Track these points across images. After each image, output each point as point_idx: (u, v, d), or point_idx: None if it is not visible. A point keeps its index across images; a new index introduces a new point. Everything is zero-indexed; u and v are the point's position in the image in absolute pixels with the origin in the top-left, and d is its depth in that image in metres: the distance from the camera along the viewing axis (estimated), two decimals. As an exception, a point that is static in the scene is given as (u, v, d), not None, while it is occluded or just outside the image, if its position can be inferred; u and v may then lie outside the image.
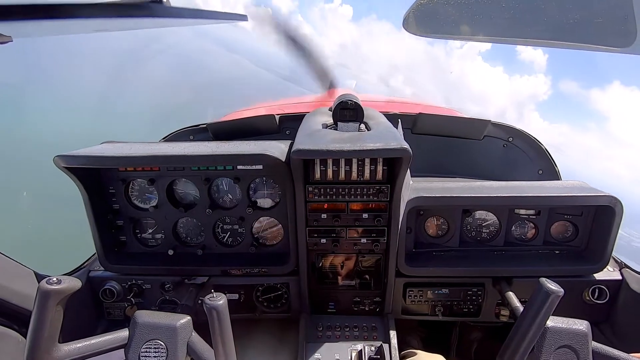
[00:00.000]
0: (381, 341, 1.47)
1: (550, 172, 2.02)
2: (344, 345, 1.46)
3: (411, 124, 2.05)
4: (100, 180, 1.46)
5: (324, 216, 1.40)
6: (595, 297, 1.50)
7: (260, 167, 1.44)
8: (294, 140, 1.36)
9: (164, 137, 2.01)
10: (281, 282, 1.56)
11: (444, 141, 2.08)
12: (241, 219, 1.52)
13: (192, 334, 1.11)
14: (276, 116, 2.00)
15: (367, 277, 1.54)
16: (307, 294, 1.55)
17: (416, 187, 1.47)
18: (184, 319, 1.11)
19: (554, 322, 1.11)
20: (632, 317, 1.48)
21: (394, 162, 1.32)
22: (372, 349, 1.42)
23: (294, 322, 1.59)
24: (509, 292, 1.40)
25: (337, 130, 1.45)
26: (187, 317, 1.12)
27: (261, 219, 1.54)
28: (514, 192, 1.43)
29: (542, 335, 1.10)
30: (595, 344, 1.11)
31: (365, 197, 1.37)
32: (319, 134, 1.39)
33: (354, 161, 1.33)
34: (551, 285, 1.08)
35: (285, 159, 1.32)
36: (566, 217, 1.55)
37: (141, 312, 1.12)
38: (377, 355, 1.39)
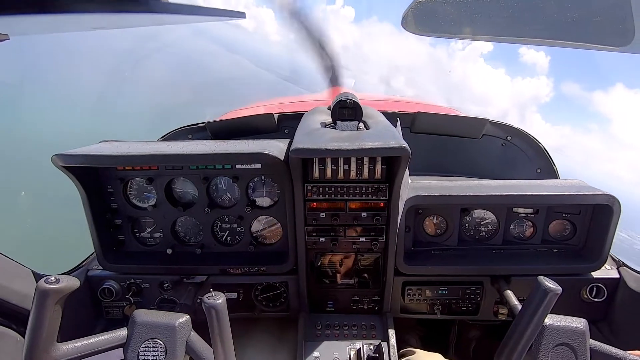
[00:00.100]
0: (380, 340, 1.47)
1: (548, 171, 2.03)
2: (342, 344, 1.46)
3: (410, 122, 2.05)
4: (98, 179, 1.46)
5: (323, 215, 1.40)
6: (593, 295, 1.50)
7: (259, 166, 1.44)
8: (292, 139, 1.36)
9: (162, 136, 2.01)
10: (280, 281, 1.56)
11: (443, 140, 2.08)
12: (240, 218, 1.52)
13: (191, 333, 1.11)
14: (275, 115, 2.00)
15: (366, 275, 1.54)
16: (306, 292, 1.55)
17: (415, 186, 1.47)
18: (182, 318, 1.11)
19: (552, 320, 1.12)
20: (629, 315, 1.48)
21: (392, 161, 1.32)
22: (371, 347, 1.42)
23: (293, 321, 1.59)
24: (508, 291, 1.40)
25: (335, 129, 1.45)
26: (186, 316, 1.12)
27: (260, 217, 1.54)
28: (513, 190, 1.43)
29: (540, 333, 1.10)
30: (592, 341, 1.11)
31: (364, 196, 1.37)
32: (317, 132, 1.39)
33: (353, 160, 1.33)
34: (549, 283, 1.08)
35: (284, 158, 1.32)
36: (564, 215, 1.55)
37: (140, 311, 1.12)
38: (375, 353, 1.39)
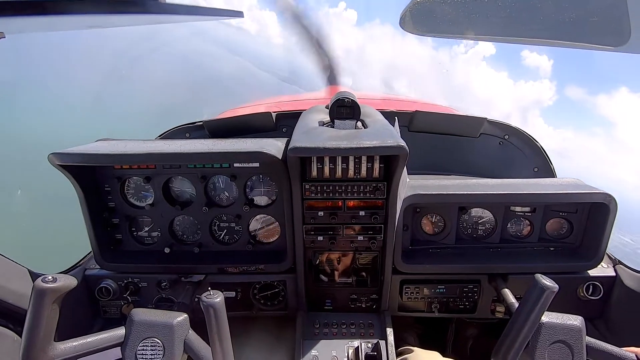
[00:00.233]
0: (378, 338, 1.48)
1: (545, 169, 2.03)
2: (340, 342, 1.47)
3: (408, 121, 2.05)
4: (95, 178, 1.45)
5: (321, 214, 1.40)
6: (589, 293, 1.51)
7: (256, 164, 1.43)
8: (290, 137, 1.36)
9: (160, 135, 2.00)
10: (278, 279, 1.56)
11: (441, 139, 2.09)
12: (238, 217, 1.52)
13: (189, 331, 1.11)
14: (273, 114, 2.00)
15: (364, 274, 1.55)
16: (304, 291, 1.55)
17: (413, 185, 1.48)
18: (180, 317, 1.11)
19: (548, 317, 1.12)
20: (625, 312, 1.49)
21: (390, 160, 1.32)
22: (369, 345, 1.42)
23: (291, 319, 1.59)
24: (505, 289, 1.41)
25: (333, 127, 1.45)
26: (184, 315, 1.12)
27: (258, 216, 1.54)
28: (510, 189, 1.43)
29: (537, 330, 1.11)
30: (589, 339, 1.12)
31: (362, 194, 1.38)
32: (315, 131, 1.39)
33: (351, 159, 1.33)
34: (546, 281, 1.09)
35: (281, 157, 1.32)
36: (561, 214, 1.56)
37: (138, 310, 1.12)
38: (373, 352, 1.40)
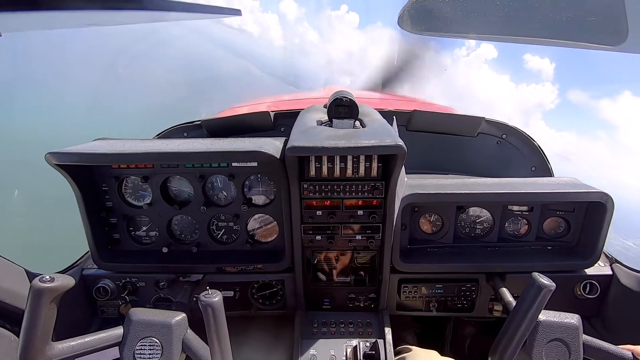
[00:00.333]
0: (376, 337, 1.48)
1: (543, 169, 2.04)
2: (339, 341, 1.47)
3: (406, 121, 2.06)
4: (93, 177, 1.45)
5: (319, 213, 1.41)
6: (586, 292, 1.52)
7: (255, 164, 1.43)
8: (288, 137, 1.36)
9: (157, 134, 1.99)
10: (276, 279, 1.56)
11: (439, 138, 2.09)
12: (236, 216, 1.52)
13: (187, 331, 1.11)
14: (271, 113, 1.99)
15: (362, 273, 1.55)
16: (303, 290, 1.55)
17: (411, 184, 1.48)
18: (179, 316, 1.10)
19: (545, 316, 1.13)
20: (622, 311, 1.50)
21: (388, 159, 1.32)
22: (367, 344, 1.43)
23: (290, 318, 1.59)
24: (502, 288, 1.41)
25: (332, 127, 1.45)
26: (182, 314, 1.12)
27: (256, 216, 1.54)
28: (508, 188, 1.44)
29: (534, 328, 1.11)
30: (586, 337, 1.13)
31: (360, 194, 1.38)
32: (313, 130, 1.39)
33: (349, 158, 1.33)
34: (543, 279, 1.09)
35: (280, 156, 1.32)
36: (558, 213, 1.56)
37: (136, 309, 1.11)
38: (372, 351, 1.40)
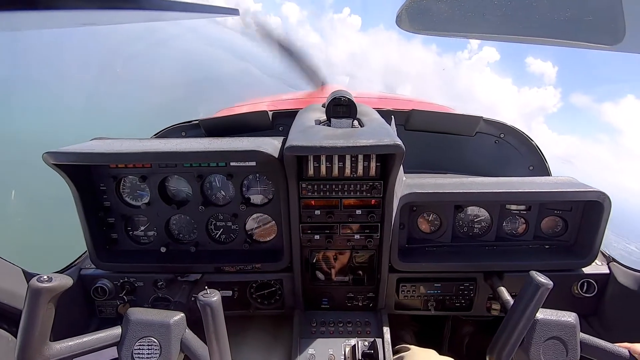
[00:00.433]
0: (374, 336, 1.48)
1: (541, 168, 2.05)
2: (337, 340, 1.47)
3: (404, 120, 2.06)
4: (90, 177, 1.44)
5: (318, 212, 1.41)
6: (584, 290, 1.53)
7: (253, 163, 1.43)
8: (287, 136, 1.35)
9: (155, 134, 1.99)
10: (275, 278, 1.56)
11: (437, 137, 2.09)
12: (234, 216, 1.51)
13: (186, 330, 1.11)
14: (269, 112, 1.99)
15: (361, 272, 1.55)
16: (301, 290, 1.55)
17: (409, 183, 1.48)
18: (177, 316, 1.10)
19: (543, 314, 1.13)
20: (619, 309, 1.51)
21: (387, 159, 1.32)
22: (366, 344, 1.43)
23: (288, 318, 1.59)
24: (500, 287, 1.42)
25: (330, 126, 1.45)
26: (181, 314, 1.12)
27: (254, 215, 1.54)
28: (505, 188, 1.44)
29: (532, 327, 1.12)
30: (583, 335, 1.13)
31: (358, 193, 1.38)
32: (312, 130, 1.39)
33: (348, 157, 1.33)
34: (541, 278, 1.10)
35: (278, 156, 1.32)
36: (556, 212, 1.57)
37: (134, 309, 1.11)
38: (370, 350, 1.40)
